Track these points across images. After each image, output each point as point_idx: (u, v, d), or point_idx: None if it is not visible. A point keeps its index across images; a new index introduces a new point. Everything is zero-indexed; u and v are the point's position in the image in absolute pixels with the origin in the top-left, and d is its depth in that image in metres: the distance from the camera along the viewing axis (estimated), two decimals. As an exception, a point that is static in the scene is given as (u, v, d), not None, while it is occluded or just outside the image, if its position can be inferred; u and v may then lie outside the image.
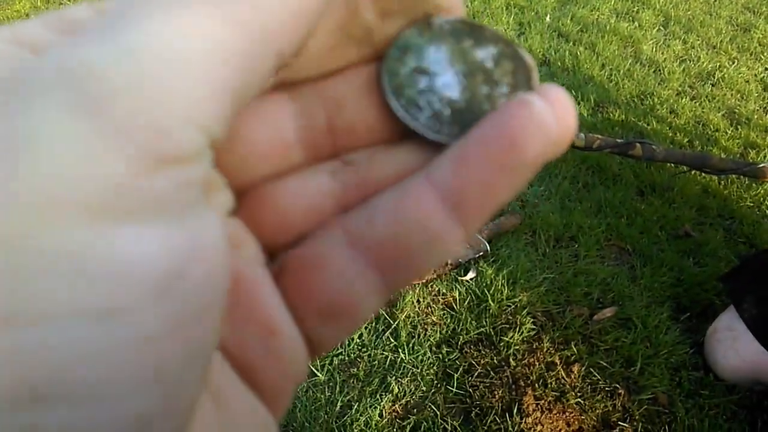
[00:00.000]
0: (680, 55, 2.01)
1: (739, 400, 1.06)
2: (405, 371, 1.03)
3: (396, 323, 1.09)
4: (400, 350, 1.05)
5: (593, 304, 1.18)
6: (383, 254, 0.14)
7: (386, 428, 0.96)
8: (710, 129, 1.70)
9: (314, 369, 1.02)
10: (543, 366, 1.06)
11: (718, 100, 1.81)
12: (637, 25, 2.13)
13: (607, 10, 2.19)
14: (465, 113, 0.15)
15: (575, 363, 1.07)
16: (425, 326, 1.10)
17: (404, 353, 1.05)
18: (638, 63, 1.93)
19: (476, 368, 1.05)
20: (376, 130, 0.16)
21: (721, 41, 2.11)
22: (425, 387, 1.02)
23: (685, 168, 1.43)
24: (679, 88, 1.85)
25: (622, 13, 2.20)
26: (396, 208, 0.14)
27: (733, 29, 2.21)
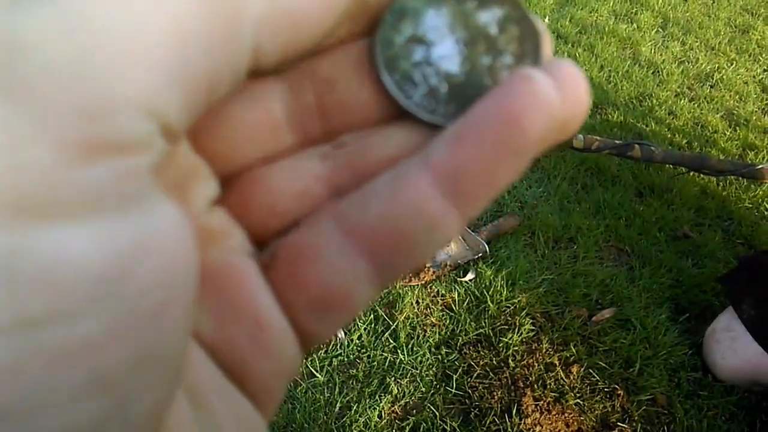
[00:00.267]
0: (679, 57, 2.02)
1: (738, 401, 1.06)
2: (404, 372, 1.03)
3: (395, 324, 1.09)
4: (399, 351, 1.06)
5: (592, 305, 1.18)
6: (377, 242, 0.13)
7: (385, 429, 0.96)
8: (709, 130, 1.70)
9: (313, 370, 1.02)
10: (542, 367, 1.06)
11: (717, 102, 1.81)
12: (636, 27, 2.14)
13: (606, 12, 2.19)
14: (463, 88, 0.14)
15: (574, 364, 1.07)
16: (424, 327, 1.10)
17: (403, 354, 1.05)
18: (637, 64, 1.94)
19: (475, 369, 1.05)
20: (370, 109, 0.15)
21: (720, 43, 2.12)
22: (424, 388, 1.02)
23: (684, 169, 1.44)
24: (678, 90, 1.85)
25: (621, 15, 2.20)
26: (390, 194, 0.13)
27: (732, 31, 2.22)
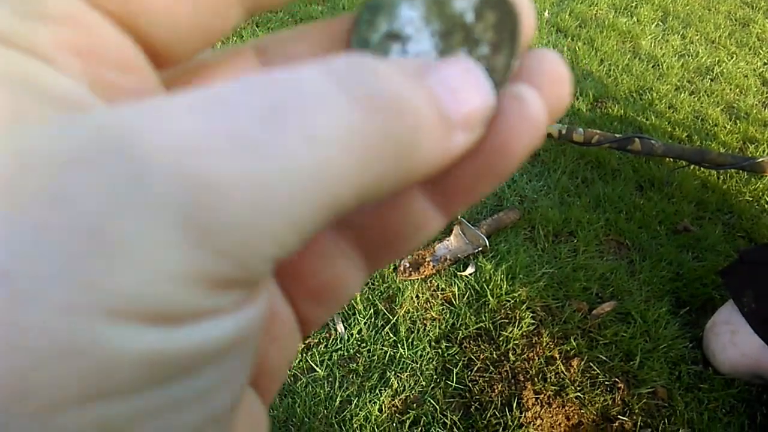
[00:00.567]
0: (679, 50, 2.01)
1: (738, 394, 1.06)
2: (404, 366, 1.03)
3: (395, 318, 1.09)
4: (400, 345, 1.05)
5: (592, 299, 1.18)
6: (368, 238, 0.14)
7: (386, 423, 0.96)
8: (709, 124, 1.70)
9: (314, 364, 1.02)
10: (542, 360, 1.06)
11: (717, 95, 1.81)
12: (636, 20, 2.13)
13: (606, 6, 2.19)
14: None
15: (574, 357, 1.07)
16: (424, 321, 1.10)
17: (403, 348, 1.05)
18: (637, 58, 1.93)
19: (475, 363, 1.05)
20: None
21: (720, 36, 2.11)
22: (424, 382, 1.02)
23: (684, 163, 1.43)
24: (678, 83, 1.85)
25: (621, 9, 2.19)
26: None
27: (732, 24, 2.21)
